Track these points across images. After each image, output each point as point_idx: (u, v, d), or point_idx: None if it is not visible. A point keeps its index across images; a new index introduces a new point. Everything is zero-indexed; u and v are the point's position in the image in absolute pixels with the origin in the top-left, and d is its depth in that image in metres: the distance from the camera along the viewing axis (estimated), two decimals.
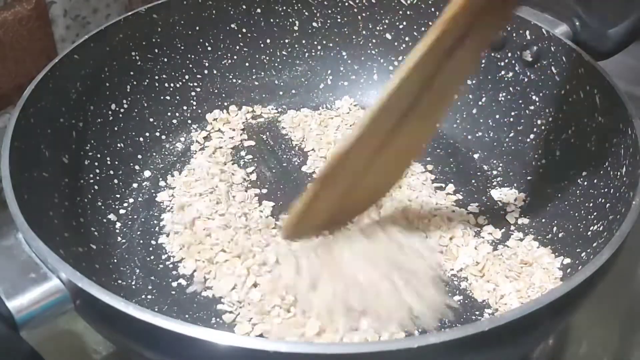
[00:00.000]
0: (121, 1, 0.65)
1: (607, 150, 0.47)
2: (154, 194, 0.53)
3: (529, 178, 0.53)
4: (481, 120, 0.58)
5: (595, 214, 0.46)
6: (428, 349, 0.31)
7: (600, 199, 0.46)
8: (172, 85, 0.58)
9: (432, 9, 0.59)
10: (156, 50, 0.57)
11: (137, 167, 0.55)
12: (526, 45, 0.54)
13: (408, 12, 0.60)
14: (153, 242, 0.49)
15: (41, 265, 0.36)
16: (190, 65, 0.59)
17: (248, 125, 0.60)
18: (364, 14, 0.61)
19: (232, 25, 0.60)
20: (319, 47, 0.62)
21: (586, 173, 0.48)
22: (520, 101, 0.56)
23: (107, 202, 0.51)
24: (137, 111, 0.56)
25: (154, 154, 0.56)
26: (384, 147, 0.41)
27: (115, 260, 0.48)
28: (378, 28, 0.61)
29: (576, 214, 0.48)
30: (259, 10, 0.60)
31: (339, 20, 0.61)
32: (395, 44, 0.61)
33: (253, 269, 0.45)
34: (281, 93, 0.62)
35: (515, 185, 0.54)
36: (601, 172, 0.47)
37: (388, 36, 0.61)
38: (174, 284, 0.46)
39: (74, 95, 0.50)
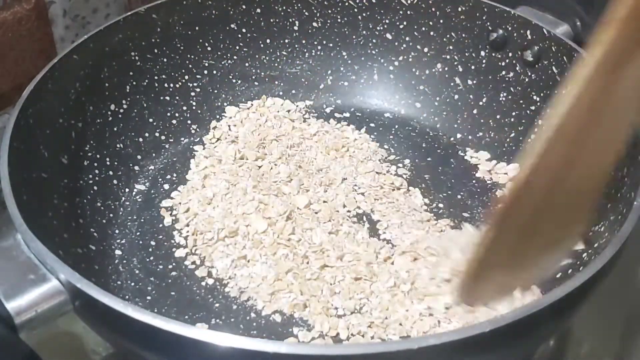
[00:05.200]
0: (121, 1, 0.65)
1: None
2: (153, 195, 0.53)
3: None
4: (482, 121, 0.58)
5: (596, 214, 0.45)
6: (428, 350, 0.31)
7: (601, 200, 0.45)
8: (171, 85, 0.58)
9: (432, 9, 0.59)
10: (156, 50, 0.57)
11: (136, 168, 0.55)
12: (527, 45, 0.54)
13: (408, 12, 0.60)
14: (153, 243, 0.49)
15: (40, 267, 0.36)
16: (190, 65, 0.59)
17: (248, 124, 0.60)
18: (364, 14, 0.61)
19: (232, 25, 0.60)
20: (319, 47, 0.62)
21: None
22: (521, 101, 0.55)
23: (106, 203, 0.51)
24: (137, 112, 0.56)
25: (154, 154, 0.56)
26: (563, 179, 0.34)
27: (115, 262, 0.48)
28: (378, 28, 0.61)
29: None
30: (259, 10, 0.60)
31: (339, 20, 0.61)
32: (396, 44, 0.61)
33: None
34: (281, 93, 0.62)
35: None
36: None
37: (388, 36, 0.61)
38: (174, 285, 0.46)
39: (73, 95, 0.50)
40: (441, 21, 0.59)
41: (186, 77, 0.59)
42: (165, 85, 0.58)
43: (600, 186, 0.37)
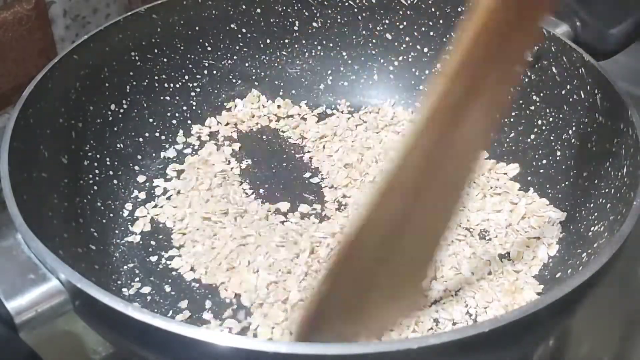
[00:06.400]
0: (121, 1, 0.65)
1: (607, 150, 0.46)
2: (153, 195, 0.53)
3: (529, 179, 0.53)
4: None
5: (596, 214, 0.45)
6: (428, 349, 0.31)
7: (601, 200, 0.45)
8: (171, 85, 0.58)
9: (432, 9, 0.59)
10: (156, 50, 0.57)
11: (136, 168, 0.55)
12: None
13: (408, 12, 0.60)
14: (153, 243, 0.49)
15: (40, 266, 0.36)
16: (190, 65, 0.59)
17: (247, 126, 0.60)
18: (364, 14, 0.61)
19: (232, 25, 0.60)
20: (319, 47, 0.62)
21: (587, 173, 0.48)
22: (520, 101, 0.55)
23: (106, 203, 0.51)
24: (137, 111, 0.56)
25: (154, 154, 0.56)
26: (400, 232, 0.33)
27: (115, 261, 0.48)
28: (378, 28, 0.61)
29: (577, 215, 0.48)
30: (259, 10, 0.60)
31: (339, 20, 0.61)
32: (395, 44, 0.61)
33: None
34: (281, 93, 0.62)
35: None
36: (602, 172, 0.47)
37: (388, 36, 0.61)
38: (173, 285, 0.46)
39: (73, 95, 0.50)
40: (441, 21, 0.59)
41: (186, 77, 0.59)
42: (165, 85, 0.58)
43: (440, 239, 0.35)
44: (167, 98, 0.58)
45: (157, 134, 0.57)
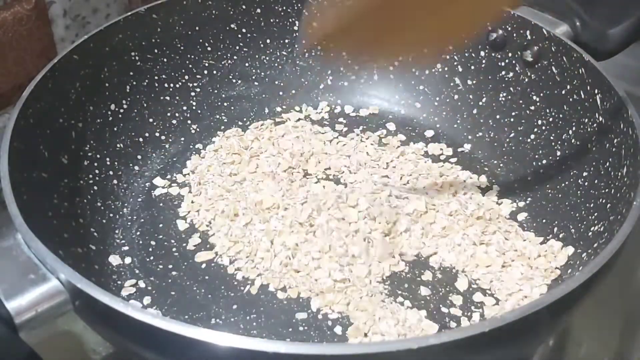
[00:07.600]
0: (121, 1, 0.65)
1: (607, 150, 0.46)
2: (153, 195, 0.53)
3: (529, 179, 0.53)
4: (482, 121, 0.58)
5: (596, 214, 0.45)
6: (428, 349, 0.31)
7: (601, 200, 0.46)
8: (171, 85, 0.58)
9: None
10: (156, 50, 0.57)
11: (136, 168, 0.55)
12: (527, 45, 0.54)
13: None
14: (152, 243, 0.49)
15: (40, 266, 0.36)
16: (190, 65, 0.59)
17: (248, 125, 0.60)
18: None
19: (232, 25, 0.60)
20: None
21: (587, 173, 0.48)
22: (520, 101, 0.55)
23: (106, 203, 0.51)
24: (137, 111, 0.56)
25: (154, 154, 0.56)
26: None
27: (115, 261, 0.48)
28: None
29: (577, 215, 0.48)
30: (259, 10, 0.60)
31: None
32: None
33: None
34: (281, 93, 0.62)
35: (516, 185, 0.54)
36: (602, 172, 0.47)
37: None
38: (173, 285, 0.46)
39: (73, 95, 0.50)
40: None
41: (186, 77, 0.59)
42: (165, 85, 0.58)
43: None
44: (167, 98, 0.58)
45: (157, 134, 0.57)
